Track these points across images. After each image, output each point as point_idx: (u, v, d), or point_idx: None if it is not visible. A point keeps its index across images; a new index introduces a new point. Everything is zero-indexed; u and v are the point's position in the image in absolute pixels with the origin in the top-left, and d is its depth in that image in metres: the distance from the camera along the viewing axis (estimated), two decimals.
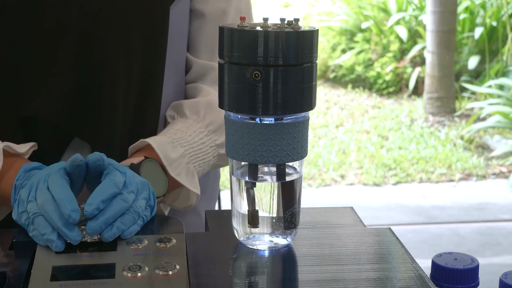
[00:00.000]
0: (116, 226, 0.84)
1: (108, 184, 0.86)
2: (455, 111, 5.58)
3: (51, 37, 1.04)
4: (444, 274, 0.81)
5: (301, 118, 0.82)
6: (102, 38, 1.05)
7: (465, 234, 3.68)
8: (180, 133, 1.08)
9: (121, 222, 0.85)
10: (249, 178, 0.83)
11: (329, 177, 4.51)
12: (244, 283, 0.78)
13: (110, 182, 0.86)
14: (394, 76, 6.17)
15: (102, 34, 1.05)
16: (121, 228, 0.85)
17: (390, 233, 0.91)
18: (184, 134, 1.08)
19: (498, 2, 6.00)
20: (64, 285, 0.74)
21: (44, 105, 1.05)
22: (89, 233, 0.83)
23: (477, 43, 6.01)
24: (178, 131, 1.09)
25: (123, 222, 0.85)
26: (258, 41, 0.77)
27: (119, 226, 0.85)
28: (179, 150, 1.06)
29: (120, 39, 1.06)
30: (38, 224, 0.83)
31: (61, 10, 1.03)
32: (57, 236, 0.82)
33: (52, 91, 1.05)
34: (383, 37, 6.33)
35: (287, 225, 0.84)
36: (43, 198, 0.84)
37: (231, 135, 0.82)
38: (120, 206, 0.85)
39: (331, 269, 0.80)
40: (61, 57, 1.04)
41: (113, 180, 0.87)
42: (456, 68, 5.86)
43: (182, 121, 1.11)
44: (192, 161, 1.07)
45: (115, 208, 0.85)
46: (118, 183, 0.87)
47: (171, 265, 0.78)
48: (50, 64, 1.04)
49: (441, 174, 4.54)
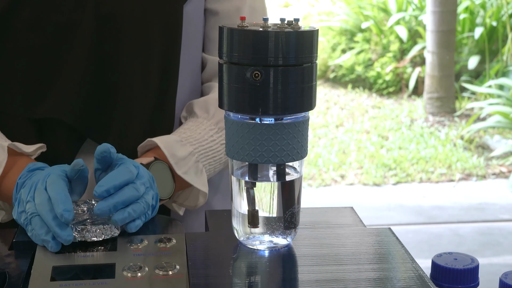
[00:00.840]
0: (128, 212, 0.85)
1: (122, 171, 0.86)
2: (455, 111, 5.58)
3: (64, 35, 1.03)
4: (444, 274, 0.81)
5: (301, 118, 0.82)
6: (117, 36, 1.04)
7: (465, 234, 3.68)
8: (189, 131, 1.08)
9: (133, 209, 0.85)
10: (249, 178, 0.83)
11: (329, 177, 4.51)
12: (244, 283, 0.78)
13: (125, 169, 0.86)
14: (394, 76, 6.17)
15: (117, 33, 1.04)
16: (132, 215, 0.85)
17: (390, 233, 0.91)
18: (194, 132, 1.08)
19: (498, 2, 6.00)
20: (64, 285, 0.74)
21: (58, 105, 1.04)
22: (96, 213, 0.83)
23: (477, 43, 6.01)
24: (187, 129, 1.08)
25: (134, 210, 0.86)
26: (258, 41, 0.77)
27: (131, 213, 0.85)
28: (188, 149, 1.05)
29: (136, 37, 1.05)
30: (35, 224, 0.83)
31: (75, 9, 1.02)
32: (52, 237, 0.82)
33: (66, 91, 1.04)
34: (383, 37, 6.33)
35: (287, 225, 0.84)
36: (40, 199, 0.84)
37: (231, 135, 0.82)
38: (132, 194, 0.86)
39: (331, 269, 0.80)
40: (74, 56, 1.03)
41: (128, 168, 0.87)
42: (456, 68, 5.86)
43: (192, 120, 1.11)
44: (202, 160, 1.07)
45: (126, 194, 0.85)
46: (132, 172, 0.87)
47: (171, 265, 0.78)
48: (63, 64, 1.03)
49: (441, 174, 4.54)
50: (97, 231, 0.84)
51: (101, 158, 0.89)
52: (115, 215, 0.84)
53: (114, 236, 0.85)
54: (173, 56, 1.08)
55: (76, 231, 0.84)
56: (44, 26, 1.02)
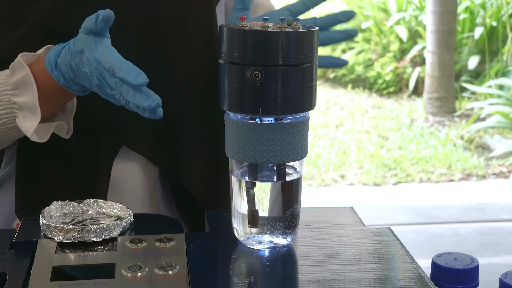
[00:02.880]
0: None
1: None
2: (455, 111, 5.58)
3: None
4: (444, 274, 0.81)
5: (301, 118, 0.82)
6: (161, 36, 1.00)
7: (465, 234, 3.68)
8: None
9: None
10: (249, 178, 0.83)
11: (329, 177, 4.51)
12: (244, 283, 0.78)
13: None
14: (394, 76, 6.18)
15: (161, 33, 1.00)
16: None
17: (390, 233, 0.91)
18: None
19: (498, 2, 6.00)
20: (64, 285, 0.74)
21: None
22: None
23: (477, 43, 6.01)
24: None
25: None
26: (258, 41, 0.77)
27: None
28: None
29: (178, 39, 1.01)
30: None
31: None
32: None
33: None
34: (383, 37, 6.33)
35: (287, 225, 0.84)
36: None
37: (231, 135, 0.82)
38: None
39: (331, 269, 0.80)
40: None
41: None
42: (456, 68, 5.86)
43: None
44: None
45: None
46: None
47: (171, 265, 0.78)
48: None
49: (441, 174, 4.54)
50: (97, 231, 0.84)
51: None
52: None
53: (114, 236, 0.85)
54: (214, 60, 1.05)
55: (76, 231, 0.84)
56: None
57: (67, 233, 0.83)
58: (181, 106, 1.03)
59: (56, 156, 1.01)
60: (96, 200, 0.92)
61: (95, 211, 0.90)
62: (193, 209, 1.06)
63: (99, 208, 0.91)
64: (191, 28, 1.02)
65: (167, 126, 1.02)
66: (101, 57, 0.83)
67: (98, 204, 0.92)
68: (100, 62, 0.83)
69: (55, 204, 0.89)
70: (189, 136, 1.04)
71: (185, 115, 1.03)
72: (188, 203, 1.06)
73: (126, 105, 0.83)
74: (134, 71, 0.80)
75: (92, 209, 0.90)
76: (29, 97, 0.90)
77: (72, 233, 0.83)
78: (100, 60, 0.83)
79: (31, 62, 0.92)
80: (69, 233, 0.83)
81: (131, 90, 0.81)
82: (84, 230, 0.84)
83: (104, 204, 0.92)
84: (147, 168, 1.04)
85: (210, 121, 1.05)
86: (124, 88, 0.81)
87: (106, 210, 0.91)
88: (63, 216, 0.88)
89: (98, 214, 0.90)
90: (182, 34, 1.02)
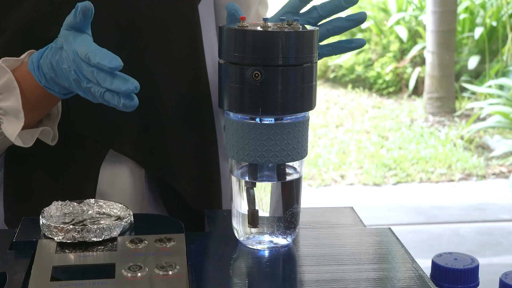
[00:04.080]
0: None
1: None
2: (455, 111, 5.58)
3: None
4: (444, 274, 0.81)
5: (301, 118, 0.82)
6: (139, 44, 1.00)
7: (465, 234, 3.68)
8: None
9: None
10: (249, 178, 0.83)
11: (329, 177, 4.51)
12: (244, 283, 0.78)
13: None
14: (394, 76, 6.18)
15: (141, 34, 1.00)
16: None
17: (390, 233, 0.91)
18: None
19: (498, 2, 6.00)
20: (64, 285, 0.74)
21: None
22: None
23: (477, 43, 6.01)
24: None
25: None
26: (258, 41, 0.77)
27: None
28: None
29: (159, 44, 1.01)
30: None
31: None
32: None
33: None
34: (383, 37, 6.33)
35: (287, 225, 0.84)
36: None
37: (231, 135, 0.82)
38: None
39: (331, 269, 0.80)
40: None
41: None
42: (456, 68, 5.86)
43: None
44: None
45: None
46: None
47: (171, 265, 0.78)
48: None
49: (441, 174, 4.54)
50: (97, 231, 0.84)
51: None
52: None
53: (114, 236, 0.85)
54: (199, 60, 1.04)
55: (76, 231, 0.84)
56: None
57: (67, 233, 0.83)
58: (166, 107, 1.02)
59: (43, 163, 1.01)
60: (96, 200, 0.92)
61: (95, 211, 0.91)
62: (182, 210, 1.05)
63: (99, 208, 0.91)
64: (172, 27, 1.02)
65: (153, 128, 1.02)
66: (78, 48, 0.83)
67: (98, 204, 0.92)
68: (77, 53, 0.82)
69: (55, 204, 0.89)
70: (176, 137, 1.04)
71: (171, 116, 1.03)
72: (177, 204, 1.06)
73: (101, 97, 0.82)
74: (109, 55, 0.79)
75: (92, 209, 0.90)
76: (13, 101, 0.90)
77: (72, 233, 0.83)
78: (77, 51, 0.83)
79: (14, 67, 0.92)
80: (69, 233, 0.83)
81: (108, 77, 0.80)
82: (84, 230, 0.84)
83: (104, 204, 0.92)
84: (135, 171, 1.04)
85: (196, 120, 1.05)
86: (100, 76, 0.80)
87: (106, 210, 0.91)
88: (63, 216, 0.88)
89: (98, 214, 0.90)
90: (164, 34, 1.01)
